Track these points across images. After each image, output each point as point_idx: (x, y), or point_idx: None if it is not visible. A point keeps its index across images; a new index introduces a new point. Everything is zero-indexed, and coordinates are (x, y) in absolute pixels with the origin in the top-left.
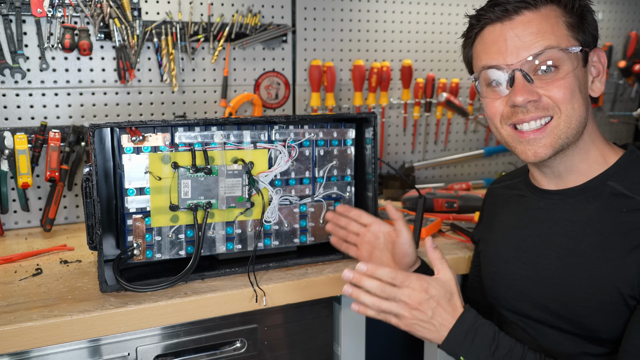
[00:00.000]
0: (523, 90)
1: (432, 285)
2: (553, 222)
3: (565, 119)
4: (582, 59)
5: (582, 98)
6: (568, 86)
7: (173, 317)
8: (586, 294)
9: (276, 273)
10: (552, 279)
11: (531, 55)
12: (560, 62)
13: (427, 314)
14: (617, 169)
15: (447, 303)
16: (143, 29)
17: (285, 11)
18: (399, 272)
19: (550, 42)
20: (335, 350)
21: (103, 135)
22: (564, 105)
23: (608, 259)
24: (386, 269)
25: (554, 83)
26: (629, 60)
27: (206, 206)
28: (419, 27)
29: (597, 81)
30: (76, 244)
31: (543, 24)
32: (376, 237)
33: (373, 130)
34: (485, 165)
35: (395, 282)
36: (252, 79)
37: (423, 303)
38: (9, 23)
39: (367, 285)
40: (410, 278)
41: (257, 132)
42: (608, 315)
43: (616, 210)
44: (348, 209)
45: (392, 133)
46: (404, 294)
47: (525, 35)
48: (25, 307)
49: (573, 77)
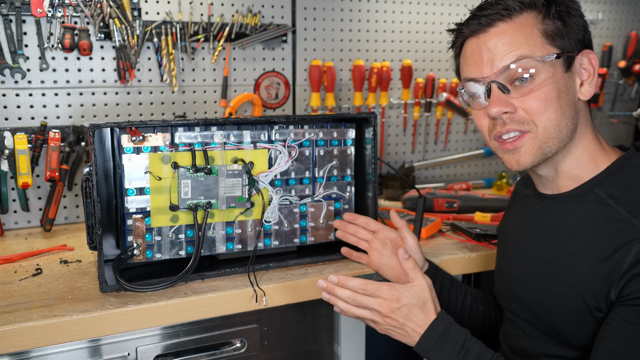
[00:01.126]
0: (497, 102)
1: (403, 295)
2: (544, 226)
3: (542, 130)
4: (563, 64)
5: (562, 105)
6: (543, 96)
7: (173, 317)
8: (559, 300)
9: (276, 273)
10: (537, 282)
11: (504, 66)
12: (535, 71)
13: (399, 321)
14: (606, 175)
15: (420, 310)
16: (143, 29)
17: (285, 11)
18: (370, 283)
19: (522, 51)
20: (335, 350)
21: (103, 135)
22: (538, 117)
23: (580, 269)
24: (357, 280)
25: (529, 94)
26: (629, 60)
27: (206, 206)
28: (419, 27)
29: (587, 84)
30: (76, 244)
31: (517, 34)
32: (384, 244)
33: (373, 130)
34: (485, 165)
35: (366, 292)
36: (252, 79)
37: (395, 311)
38: (9, 23)
39: (340, 295)
40: (381, 288)
41: (257, 132)
42: (576, 323)
43: (596, 219)
44: (355, 216)
45: (392, 133)
46: (375, 303)
47: (499, 46)
48: (25, 307)
49: (550, 86)
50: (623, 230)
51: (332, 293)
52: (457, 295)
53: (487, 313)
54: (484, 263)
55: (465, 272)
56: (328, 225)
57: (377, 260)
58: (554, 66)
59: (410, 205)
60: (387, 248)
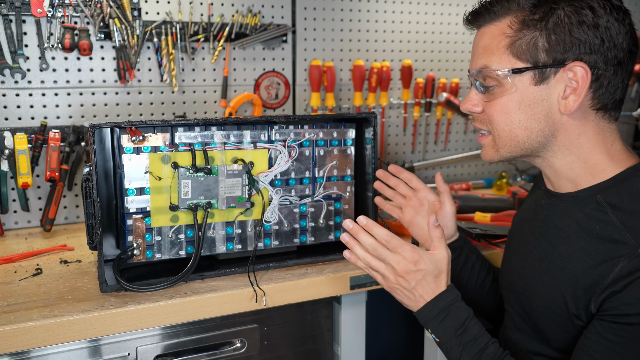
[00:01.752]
0: (467, 99)
1: (423, 259)
2: (545, 223)
3: (497, 137)
4: (534, 77)
5: (522, 119)
6: (499, 108)
7: (173, 317)
8: (545, 301)
9: (276, 273)
10: (529, 279)
11: (474, 71)
12: (496, 82)
13: (411, 283)
14: (613, 183)
15: (433, 279)
16: (143, 29)
17: (285, 11)
18: (395, 237)
19: (485, 61)
20: (335, 350)
21: (103, 135)
22: (493, 125)
23: (568, 273)
24: (384, 229)
25: (490, 102)
26: None
27: (206, 206)
28: (419, 27)
29: (570, 99)
30: (76, 244)
31: (490, 41)
32: (421, 203)
33: (373, 130)
34: (485, 165)
35: (388, 245)
36: (252, 79)
37: (410, 273)
38: (9, 23)
39: (362, 240)
40: (404, 246)
41: (257, 132)
42: (557, 326)
43: (592, 226)
44: (400, 170)
45: (392, 133)
46: (393, 258)
47: (478, 48)
48: (25, 307)
49: (507, 98)
50: (614, 243)
51: (356, 236)
52: (480, 272)
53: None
54: None
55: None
56: (328, 225)
57: (411, 218)
58: (520, 79)
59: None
60: (424, 209)
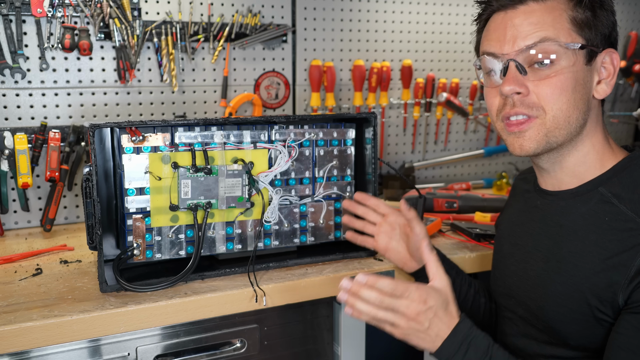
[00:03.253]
0: (512, 80)
1: (430, 296)
2: (544, 222)
3: (551, 119)
4: (585, 57)
5: (576, 98)
6: (559, 84)
7: (173, 317)
8: (559, 300)
9: (276, 273)
10: (534, 280)
11: (526, 45)
12: (556, 56)
13: (424, 324)
14: (611, 174)
15: (444, 312)
16: (143, 29)
17: (285, 11)
18: (399, 283)
19: (548, 34)
20: (335, 350)
21: (103, 135)
22: (549, 105)
23: (583, 269)
24: (386, 279)
25: (545, 79)
26: (629, 60)
27: (206, 206)
28: (419, 27)
29: (604, 83)
30: (76, 244)
31: (545, 15)
32: (392, 228)
33: (373, 130)
34: (485, 165)
35: (395, 293)
36: (252, 79)
37: (421, 314)
38: (9, 23)
39: (366, 296)
40: (410, 289)
41: (257, 132)
42: (576, 324)
43: (599, 218)
44: (366, 197)
45: (392, 133)
46: (402, 305)
47: (525, 25)
48: (25, 307)
49: (569, 75)
50: (629, 232)
51: (357, 294)
52: (462, 286)
53: (489, 306)
54: (484, 263)
55: (465, 272)
56: (328, 225)
57: (385, 244)
58: (576, 56)
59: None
60: (396, 232)
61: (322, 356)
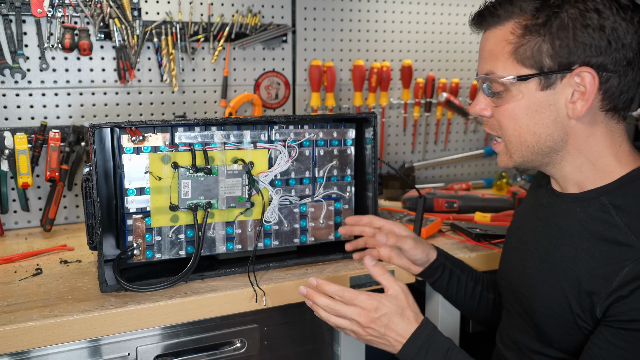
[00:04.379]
0: (476, 103)
1: (382, 304)
2: (546, 222)
3: (507, 142)
4: (540, 83)
5: (531, 124)
6: (507, 114)
7: (173, 317)
8: (546, 301)
9: (276, 273)
10: (530, 278)
11: (479, 76)
12: (501, 89)
13: (380, 331)
14: (618, 185)
15: (400, 319)
16: (143, 29)
17: (285, 11)
18: (347, 291)
19: (492, 67)
20: (335, 350)
21: (103, 135)
22: (502, 130)
23: (571, 274)
24: (335, 286)
25: (498, 107)
26: None
27: (206, 206)
28: (419, 27)
29: (578, 104)
30: (76, 244)
31: (495, 46)
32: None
33: (373, 130)
34: (485, 165)
35: (344, 299)
36: (252, 79)
37: (374, 321)
38: (9, 23)
39: (318, 302)
40: (360, 297)
41: (257, 132)
42: (559, 327)
43: (595, 227)
44: (358, 218)
45: (392, 133)
46: (354, 312)
47: (484, 52)
48: (25, 307)
49: (518, 103)
50: (618, 246)
51: (312, 299)
52: (467, 283)
53: (498, 302)
54: (484, 263)
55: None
56: (328, 225)
57: (388, 253)
58: (521, 86)
59: (410, 205)
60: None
61: (322, 356)
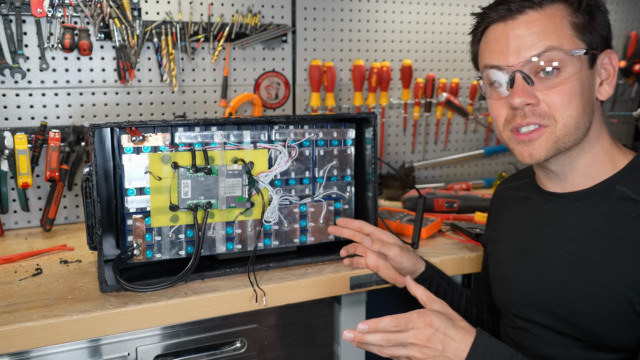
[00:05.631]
0: (521, 92)
1: (434, 318)
2: (559, 225)
3: (562, 127)
4: (588, 61)
5: (583, 103)
6: (567, 92)
7: (173, 317)
8: (594, 301)
9: (276, 273)
10: (559, 285)
11: (532, 56)
12: (563, 64)
13: (438, 348)
14: (627, 172)
15: (454, 330)
16: (143, 29)
17: (285, 11)
18: (401, 317)
19: (552, 42)
20: (335, 350)
21: (103, 135)
22: (559, 113)
23: (617, 267)
24: (387, 319)
25: (554, 87)
26: (629, 60)
27: (206, 206)
28: (419, 27)
29: (606, 84)
30: (76, 244)
31: (546, 24)
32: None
33: (373, 130)
34: (485, 165)
35: (399, 328)
36: (252, 79)
37: (431, 338)
38: (9, 23)
39: (372, 341)
40: (412, 318)
41: (257, 132)
42: (617, 323)
43: (625, 215)
44: (348, 221)
45: (392, 133)
46: (410, 336)
47: (527, 35)
48: (25, 307)
49: (576, 81)
50: None
51: (362, 342)
52: (453, 297)
53: (480, 315)
54: None
55: (465, 272)
56: (328, 225)
57: (375, 262)
58: (581, 61)
59: (410, 205)
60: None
61: (322, 356)
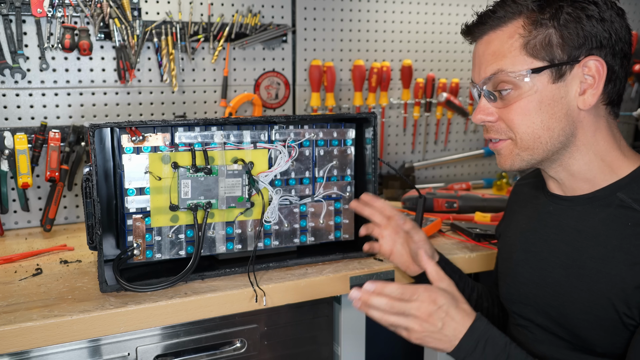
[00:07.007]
0: (479, 110)
1: (439, 295)
2: (560, 228)
3: (519, 141)
4: (552, 75)
5: (544, 118)
6: (520, 110)
7: (173, 317)
8: (584, 307)
9: (276, 273)
10: (554, 287)
11: (485, 77)
12: (514, 84)
13: (437, 325)
14: (630, 180)
15: (456, 310)
16: (143, 29)
17: (285, 11)
18: (407, 287)
19: (501, 65)
20: (335, 350)
21: (103, 135)
22: (515, 129)
23: (607, 274)
24: (393, 285)
25: (509, 105)
26: None
27: (206, 206)
28: (419, 27)
29: (588, 94)
30: (76, 244)
31: (502, 44)
32: (396, 231)
33: (373, 130)
34: (485, 165)
35: (404, 297)
36: (252, 79)
37: (433, 314)
38: (9, 23)
39: (376, 303)
40: (418, 290)
41: (257, 132)
42: (603, 330)
43: (621, 223)
44: (373, 199)
45: (392, 133)
46: (412, 307)
47: (486, 55)
48: (25, 307)
49: (528, 99)
50: None
51: (367, 302)
52: (464, 290)
53: (491, 310)
54: (484, 263)
55: (465, 272)
56: (328, 225)
57: (389, 248)
58: (537, 79)
59: (410, 205)
60: (400, 236)
61: (322, 356)
